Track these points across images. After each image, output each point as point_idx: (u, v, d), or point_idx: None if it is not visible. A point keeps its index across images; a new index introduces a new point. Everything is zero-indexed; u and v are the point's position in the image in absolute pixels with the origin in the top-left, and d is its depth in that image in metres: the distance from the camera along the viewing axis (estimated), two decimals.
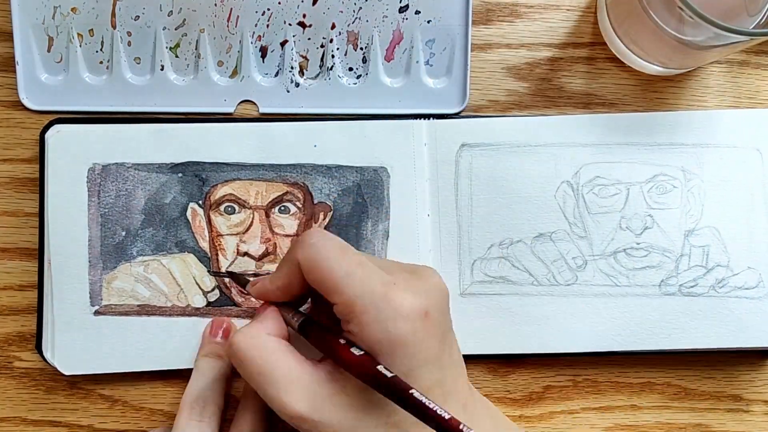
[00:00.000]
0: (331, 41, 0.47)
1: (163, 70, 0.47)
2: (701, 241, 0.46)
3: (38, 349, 0.45)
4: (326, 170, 0.46)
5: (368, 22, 0.47)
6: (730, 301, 0.46)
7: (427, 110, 0.47)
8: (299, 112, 0.47)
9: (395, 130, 0.46)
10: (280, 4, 0.46)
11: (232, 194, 0.46)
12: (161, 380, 0.47)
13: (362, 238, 0.46)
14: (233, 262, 0.46)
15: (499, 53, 0.47)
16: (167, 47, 0.47)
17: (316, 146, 0.46)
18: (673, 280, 0.46)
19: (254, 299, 0.43)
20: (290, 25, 0.47)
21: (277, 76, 0.47)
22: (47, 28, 0.46)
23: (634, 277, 0.46)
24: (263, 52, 0.47)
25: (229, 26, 0.46)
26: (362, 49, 0.47)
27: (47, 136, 0.45)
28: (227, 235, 0.46)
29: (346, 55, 0.47)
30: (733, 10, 0.41)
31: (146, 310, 0.46)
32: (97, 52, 0.47)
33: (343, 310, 0.36)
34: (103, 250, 0.46)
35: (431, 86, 0.47)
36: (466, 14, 0.46)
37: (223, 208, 0.46)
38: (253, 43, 0.47)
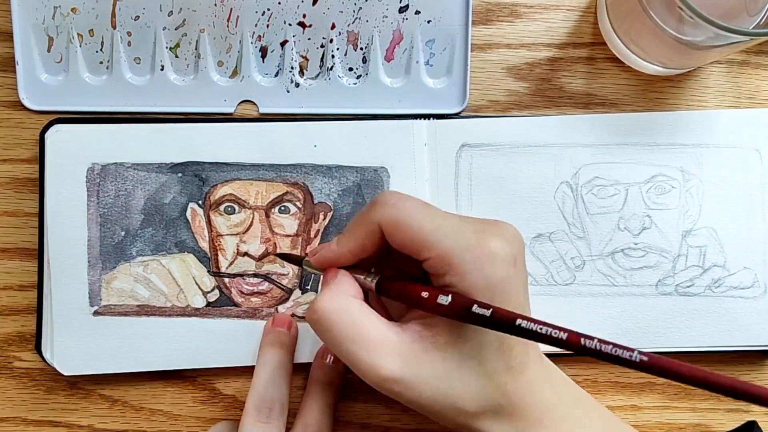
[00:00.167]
0: (331, 41, 0.47)
1: (163, 70, 0.47)
2: (698, 241, 0.46)
3: (38, 349, 0.45)
4: (326, 170, 0.46)
5: (368, 22, 0.46)
6: (725, 300, 0.46)
7: (427, 110, 0.47)
8: (299, 112, 0.47)
9: (395, 130, 0.46)
10: (280, 4, 0.46)
11: (232, 194, 0.46)
12: (161, 380, 0.47)
13: None
14: (233, 262, 0.46)
15: (499, 53, 0.47)
16: (167, 47, 0.47)
17: (316, 146, 0.46)
18: (669, 280, 0.46)
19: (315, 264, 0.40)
20: (290, 25, 0.46)
21: (277, 76, 0.47)
22: (47, 28, 0.46)
23: (631, 277, 0.46)
24: (263, 52, 0.47)
25: (229, 26, 0.46)
26: (362, 49, 0.47)
27: (46, 136, 0.45)
28: (227, 235, 0.46)
29: (346, 55, 0.47)
30: (733, 10, 0.41)
31: (146, 310, 0.46)
32: (97, 52, 0.47)
33: (437, 263, 0.35)
34: (102, 250, 0.45)
35: (431, 86, 0.47)
36: (466, 14, 0.46)
37: (223, 208, 0.46)
38: (253, 43, 0.47)
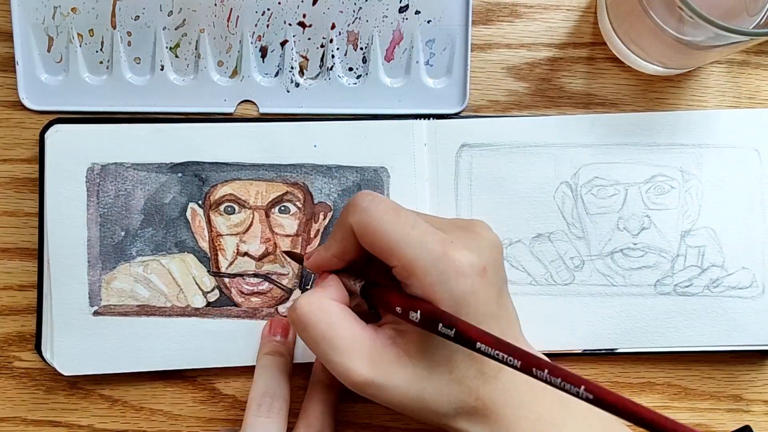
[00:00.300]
0: (331, 41, 0.47)
1: (163, 70, 0.47)
2: (697, 241, 0.46)
3: (38, 349, 0.45)
4: (326, 170, 0.46)
5: (368, 22, 0.46)
6: (723, 300, 0.46)
7: (427, 110, 0.47)
8: (299, 112, 0.47)
9: (395, 130, 0.46)
10: (280, 4, 0.46)
11: (232, 194, 0.46)
12: (161, 380, 0.47)
13: None
14: (233, 262, 0.46)
15: (499, 53, 0.47)
16: (167, 47, 0.47)
17: (316, 146, 0.46)
18: (668, 279, 0.46)
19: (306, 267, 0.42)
20: (290, 25, 0.46)
21: (277, 76, 0.47)
22: (47, 28, 0.46)
23: (630, 277, 0.46)
24: (263, 52, 0.47)
25: (229, 26, 0.46)
26: (362, 49, 0.47)
27: (46, 136, 0.45)
28: (227, 235, 0.46)
29: (346, 55, 0.47)
30: (733, 10, 0.41)
31: (146, 310, 0.46)
32: (97, 52, 0.46)
33: (402, 272, 0.36)
34: (102, 250, 0.45)
35: (431, 86, 0.47)
36: (466, 14, 0.46)
37: (222, 208, 0.46)
38: (253, 43, 0.47)
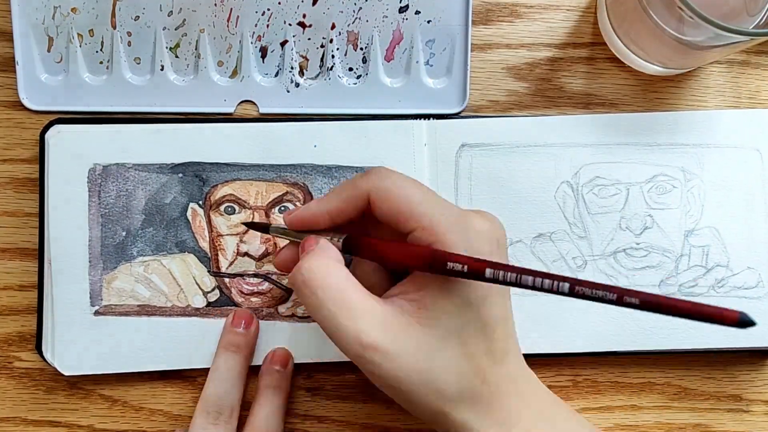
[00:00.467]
0: (331, 41, 0.47)
1: (163, 70, 0.47)
2: (701, 241, 0.46)
3: (38, 349, 0.45)
4: (326, 170, 0.46)
5: (368, 22, 0.46)
6: (729, 300, 0.46)
7: (427, 110, 0.47)
8: (299, 112, 0.47)
9: (395, 130, 0.46)
10: (280, 4, 0.46)
11: (232, 194, 0.46)
12: (161, 380, 0.47)
13: None
14: (233, 262, 0.46)
15: (499, 53, 0.47)
16: (167, 47, 0.47)
17: (316, 146, 0.46)
18: (672, 280, 0.46)
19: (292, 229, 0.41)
20: (290, 25, 0.46)
21: (277, 76, 0.47)
22: (47, 28, 0.46)
23: (633, 277, 0.46)
24: (263, 52, 0.47)
25: (229, 26, 0.46)
26: (362, 49, 0.47)
27: (48, 136, 0.45)
28: (227, 235, 0.46)
29: (346, 55, 0.47)
30: (733, 10, 0.41)
31: (146, 310, 0.46)
32: (97, 52, 0.47)
33: (423, 234, 0.35)
34: (103, 250, 0.46)
35: (431, 86, 0.47)
36: (466, 14, 0.46)
37: (223, 208, 0.46)
38: (253, 43, 0.47)
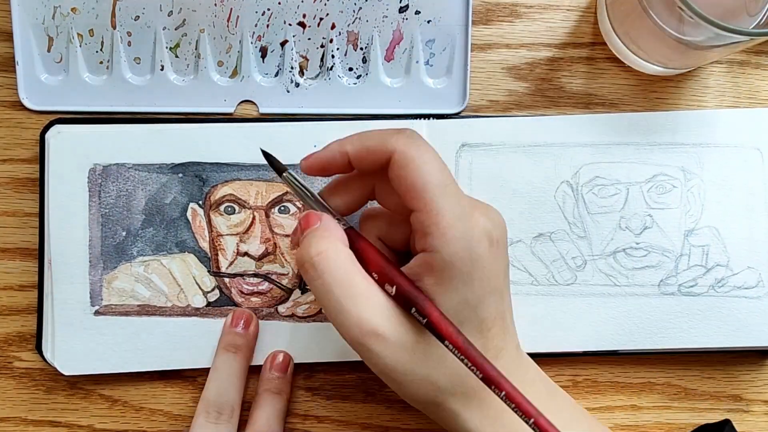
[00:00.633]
0: (331, 41, 0.47)
1: (163, 70, 0.47)
2: (701, 240, 0.46)
3: (38, 349, 0.45)
4: None
5: (368, 22, 0.46)
6: (729, 300, 0.46)
7: (427, 110, 0.47)
8: (299, 112, 0.47)
9: None
10: (280, 4, 0.46)
11: (232, 194, 0.46)
12: (161, 380, 0.47)
13: None
14: (233, 262, 0.46)
15: (499, 53, 0.47)
16: (167, 47, 0.47)
17: (316, 146, 0.46)
18: (672, 279, 0.46)
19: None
20: (290, 25, 0.46)
21: (277, 76, 0.47)
22: (47, 28, 0.46)
23: (633, 276, 0.46)
24: (263, 52, 0.47)
25: (229, 26, 0.46)
26: (362, 49, 0.47)
27: (48, 136, 0.45)
28: (227, 235, 0.46)
29: (346, 55, 0.47)
30: (733, 10, 0.41)
31: (146, 310, 0.46)
32: (97, 52, 0.47)
33: (425, 219, 0.34)
34: (103, 250, 0.46)
35: (431, 86, 0.47)
36: (466, 14, 0.46)
37: (223, 208, 0.46)
38: (253, 43, 0.47)
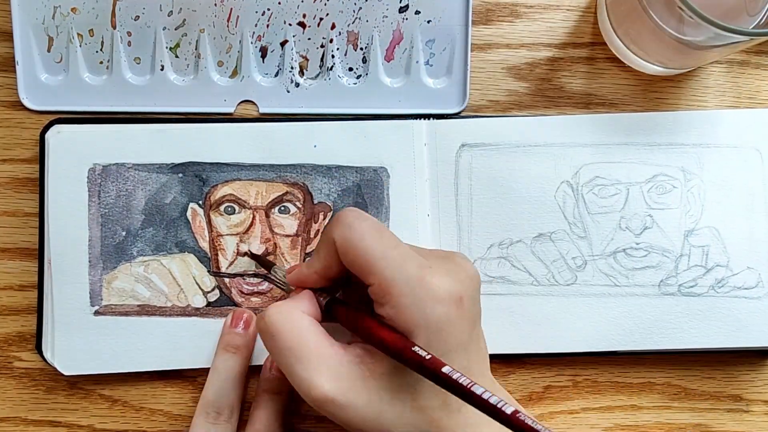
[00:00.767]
0: (331, 41, 0.47)
1: (163, 70, 0.47)
2: (701, 241, 0.46)
3: (38, 349, 0.45)
4: (326, 170, 0.46)
5: (368, 22, 0.46)
6: (729, 300, 0.46)
7: (427, 110, 0.47)
8: (299, 112, 0.47)
9: (395, 130, 0.46)
10: (280, 4, 0.46)
11: (232, 194, 0.46)
12: (161, 380, 0.47)
13: None
14: (233, 262, 0.46)
15: (499, 53, 0.47)
16: (167, 47, 0.47)
17: (316, 146, 0.46)
18: (672, 280, 0.46)
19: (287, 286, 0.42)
20: (290, 25, 0.46)
21: (277, 76, 0.47)
22: (47, 28, 0.46)
23: (633, 277, 0.46)
24: (263, 52, 0.47)
25: (229, 26, 0.46)
26: (362, 49, 0.47)
27: (48, 136, 0.45)
28: (227, 235, 0.46)
29: (346, 55, 0.47)
30: (733, 10, 0.41)
31: (146, 310, 0.46)
32: (97, 52, 0.47)
33: (378, 291, 0.35)
34: (103, 250, 0.46)
35: (431, 86, 0.47)
36: (466, 14, 0.46)
37: (223, 208, 0.46)
38: (253, 43, 0.47)
